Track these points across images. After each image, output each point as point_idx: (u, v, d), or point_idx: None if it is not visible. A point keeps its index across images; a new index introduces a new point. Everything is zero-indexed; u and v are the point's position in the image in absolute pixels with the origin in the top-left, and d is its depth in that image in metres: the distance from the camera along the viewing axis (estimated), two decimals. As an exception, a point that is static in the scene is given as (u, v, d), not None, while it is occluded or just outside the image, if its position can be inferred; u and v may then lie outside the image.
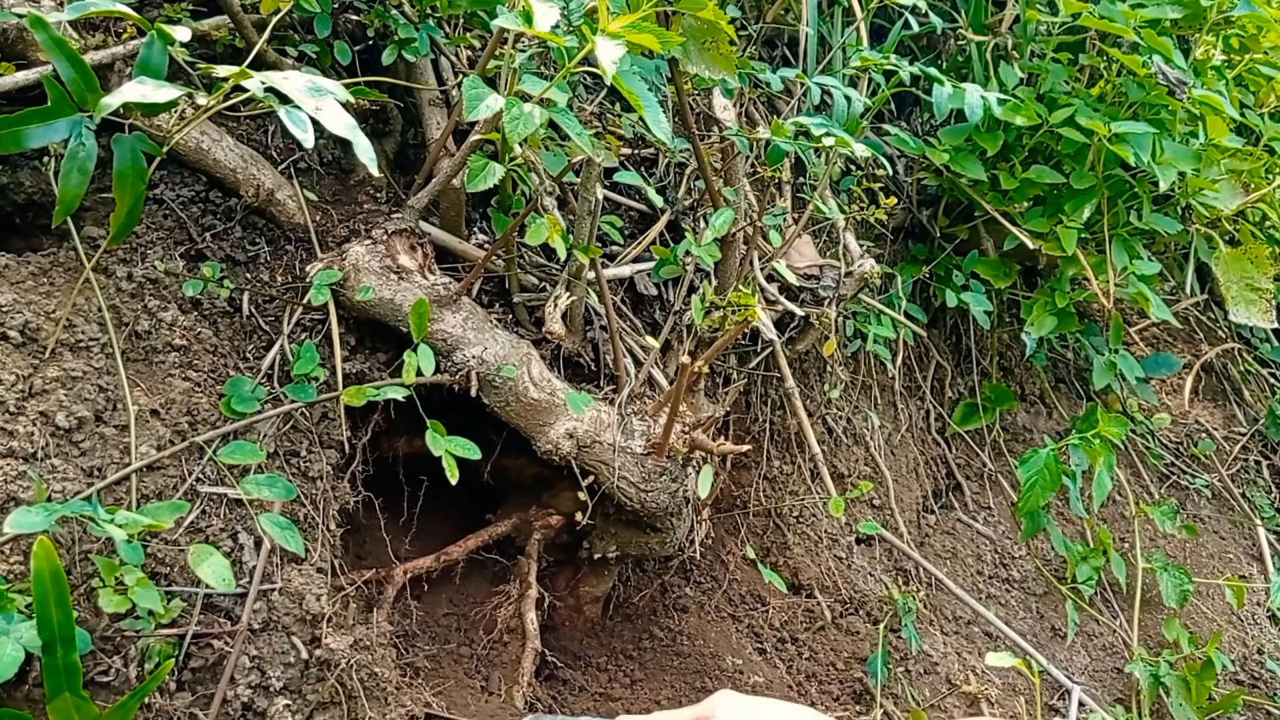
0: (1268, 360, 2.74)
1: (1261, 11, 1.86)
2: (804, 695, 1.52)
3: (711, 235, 1.34)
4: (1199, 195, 1.96)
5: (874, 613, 1.71)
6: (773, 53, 1.98)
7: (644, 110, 1.02)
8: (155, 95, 0.80)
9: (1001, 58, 1.96)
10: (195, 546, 0.95)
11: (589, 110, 1.52)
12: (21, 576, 0.90)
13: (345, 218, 1.28)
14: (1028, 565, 2.11)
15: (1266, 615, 2.35)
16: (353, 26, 1.34)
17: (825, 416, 1.90)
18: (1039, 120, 1.78)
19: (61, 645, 0.79)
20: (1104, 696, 1.95)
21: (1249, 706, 2.06)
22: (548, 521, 1.38)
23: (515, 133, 0.91)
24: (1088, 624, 2.07)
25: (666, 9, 1.08)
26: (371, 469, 1.29)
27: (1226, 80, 1.95)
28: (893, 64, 1.64)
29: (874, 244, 2.00)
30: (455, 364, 1.19)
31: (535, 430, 1.23)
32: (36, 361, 1.00)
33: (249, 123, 1.28)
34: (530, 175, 1.23)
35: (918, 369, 2.16)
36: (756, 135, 1.43)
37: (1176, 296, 2.48)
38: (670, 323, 1.50)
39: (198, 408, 1.08)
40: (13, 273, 1.04)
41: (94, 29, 1.19)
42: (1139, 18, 1.73)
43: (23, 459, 0.95)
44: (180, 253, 1.16)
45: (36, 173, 1.12)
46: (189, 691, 0.98)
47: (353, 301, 1.18)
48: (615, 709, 1.37)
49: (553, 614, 1.45)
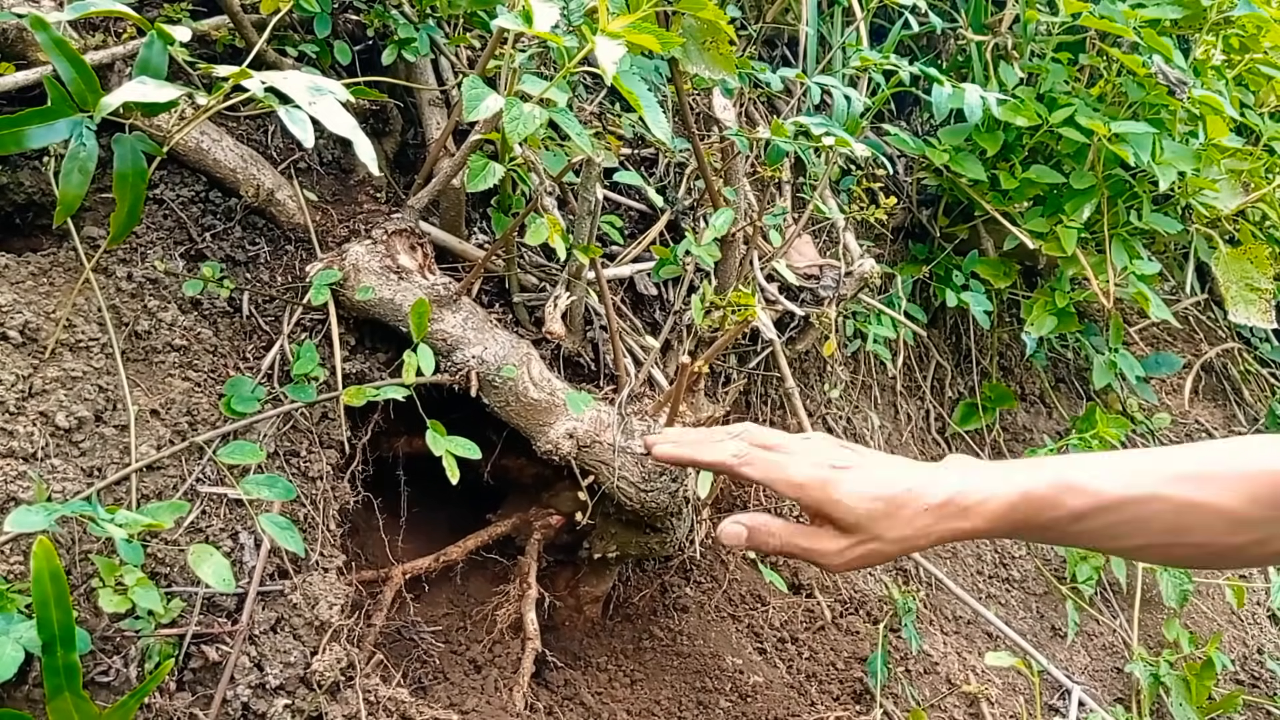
0: (1268, 360, 2.74)
1: (1261, 11, 1.86)
2: (804, 695, 1.52)
3: (711, 235, 1.34)
4: (1199, 195, 1.96)
5: (874, 613, 1.71)
6: (773, 53, 1.98)
7: (644, 110, 1.02)
8: (155, 95, 0.80)
9: (1001, 58, 1.96)
10: (195, 546, 0.95)
11: (589, 110, 1.52)
12: (21, 576, 0.90)
13: (345, 218, 1.28)
14: (1028, 565, 2.11)
15: (1266, 615, 2.35)
16: (353, 26, 1.34)
17: (825, 416, 1.90)
18: (1039, 120, 1.78)
19: (61, 645, 0.79)
20: (1104, 696, 1.95)
21: (1249, 706, 2.06)
22: (548, 521, 1.38)
23: (515, 133, 0.91)
24: (1088, 624, 2.07)
25: (666, 9, 1.08)
26: (371, 469, 1.29)
27: (1226, 80, 1.95)
28: (893, 64, 1.64)
29: (874, 244, 2.00)
30: (455, 364, 1.19)
31: (535, 430, 1.23)
32: (36, 361, 1.00)
33: (249, 123, 1.28)
34: (530, 175, 1.23)
35: (918, 369, 2.17)
36: (756, 135, 1.43)
37: (1176, 296, 2.48)
38: (670, 323, 1.50)
39: (198, 408, 1.08)
40: (13, 273, 1.04)
41: (94, 29, 1.19)
42: (1139, 18, 1.73)
43: (23, 459, 0.95)
44: (180, 253, 1.16)
45: (36, 173, 1.12)
46: (189, 691, 0.98)
47: (352, 301, 1.18)
48: (615, 709, 1.37)
49: (553, 614, 1.45)
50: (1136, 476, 0.89)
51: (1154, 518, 0.89)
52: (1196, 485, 0.87)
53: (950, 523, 0.91)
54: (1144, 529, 0.94)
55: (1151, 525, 0.91)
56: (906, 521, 0.92)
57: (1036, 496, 0.90)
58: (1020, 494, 0.90)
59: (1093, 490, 0.89)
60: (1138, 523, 0.90)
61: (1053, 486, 0.90)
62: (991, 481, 0.91)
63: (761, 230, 1.53)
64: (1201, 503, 0.86)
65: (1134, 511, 0.89)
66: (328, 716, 1.03)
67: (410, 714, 1.10)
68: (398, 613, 1.32)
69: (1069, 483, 0.90)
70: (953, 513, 0.92)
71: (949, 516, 0.92)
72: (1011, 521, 0.91)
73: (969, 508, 0.91)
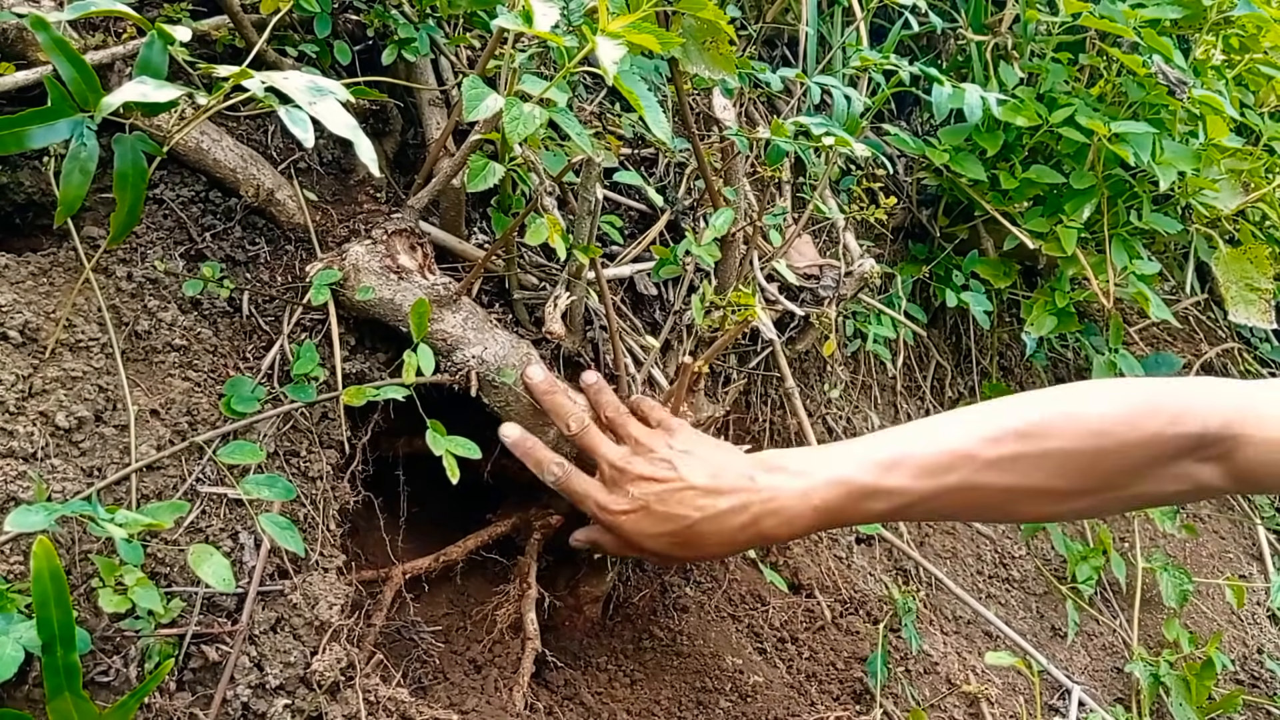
0: (1268, 360, 2.74)
1: (1261, 11, 1.86)
2: (804, 695, 1.52)
3: (711, 235, 1.34)
4: (1199, 195, 1.96)
5: (874, 613, 1.71)
6: (773, 53, 1.98)
7: (644, 110, 1.02)
8: (156, 95, 0.80)
9: (1001, 58, 1.96)
10: (195, 546, 0.95)
11: (589, 110, 1.52)
12: (21, 576, 0.90)
13: (345, 218, 1.28)
14: (1028, 565, 2.11)
15: (1266, 615, 2.35)
16: (353, 26, 1.34)
17: (825, 416, 1.90)
18: (1039, 120, 1.78)
19: (61, 645, 0.79)
20: (1104, 696, 1.96)
21: (1249, 706, 2.06)
22: (547, 521, 1.38)
23: (515, 133, 0.91)
24: (1088, 624, 2.07)
25: (666, 9, 1.08)
26: (371, 469, 1.29)
27: (1226, 80, 1.95)
28: (893, 64, 1.64)
29: (874, 244, 2.00)
30: (455, 364, 1.19)
31: (535, 430, 1.23)
32: (36, 361, 1.00)
33: (249, 123, 1.28)
34: (530, 175, 1.23)
35: (918, 369, 2.16)
36: (756, 135, 1.43)
37: (1176, 296, 2.48)
38: (670, 323, 1.50)
39: (198, 408, 1.08)
40: (12, 273, 1.04)
41: (94, 29, 1.19)
42: (1139, 18, 1.73)
43: (23, 459, 0.95)
44: (180, 253, 1.16)
45: (36, 173, 1.12)
46: (189, 691, 0.98)
47: (352, 301, 1.18)
48: (615, 709, 1.37)
49: (553, 614, 1.45)
50: (946, 473, 0.90)
51: (974, 504, 0.91)
52: (1009, 467, 0.88)
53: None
54: (964, 512, 0.98)
55: (973, 508, 0.93)
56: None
57: (835, 510, 0.94)
58: (817, 511, 0.96)
59: (899, 490, 0.91)
60: (955, 508, 0.92)
61: (851, 496, 0.93)
62: (792, 500, 0.96)
63: (761, 230, 1.53)
64: (1017, 486, 0.88)
65: (946, 501, 0.91)
66: (328, 716, 1.03)
67: (410, 714, 1.10)
68: (398, 613, 1.32)
69: (872, 487, 0.92)
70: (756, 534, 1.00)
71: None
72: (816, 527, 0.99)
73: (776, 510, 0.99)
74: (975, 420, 0.92)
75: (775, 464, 1.01)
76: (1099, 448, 0.84)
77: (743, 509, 0.97)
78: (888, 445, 0.95)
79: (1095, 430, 0.84)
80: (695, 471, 1.01)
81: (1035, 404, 0.90)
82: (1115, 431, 0.83)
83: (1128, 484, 0.86)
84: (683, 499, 1.00)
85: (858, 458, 0.95)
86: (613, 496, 1.07)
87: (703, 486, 0.99)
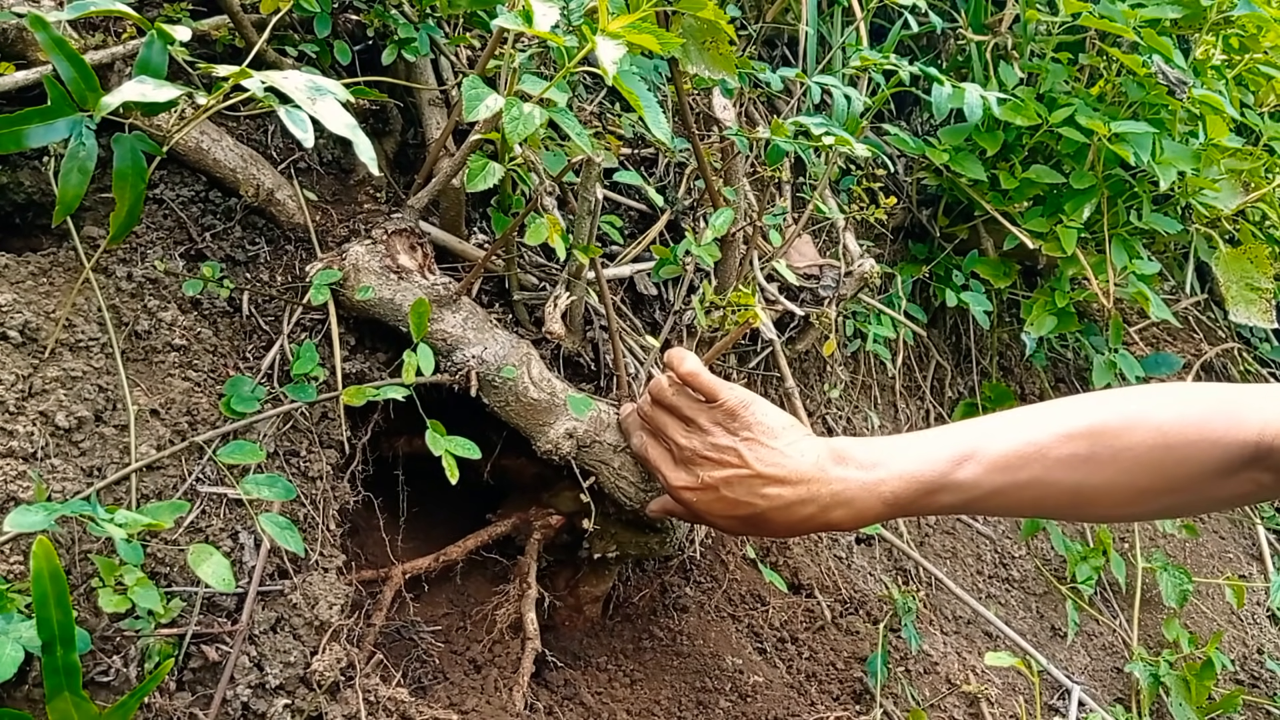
0: (1268, 360, 2.74)
1: (1261, 11, 1.86)
2: (804, 695, 1.52)
3: (711, 235, 1.34)
4: (1199, 195, 1.96)
5: (874, 612, 1.71)
6: (773, 53, 1.98)
7: (644, 110, 1.02)
8: (155, 95, 0.80)
9: (1001, 57, 1.96)
10: (195, 546, 0.95)
11: (589, 110, 1.52)
12: (21, 576, 0.90)
13: (345, 217, 1.28)
14: (1028, 565, 2.11)
15: (1266, 615, 2.35)
16: (353, 26, 1.34)
17: (825, 416, 1.90)
18: (1039, 120, 1.78)
19: (61, 645, 0.79)
20: (1104, 696, 1.96)
21: (1249, 706, 2.06)
22: (548, 521, 1.38)
23: (515, 133, 0.91)
24: (1088, 624, 2.07)
25: (666, 9, 1.08)
26: (371, 469, 1.29)
27: (1226, 80, 1.95)
28: (892, 64, 1.64)
29: (874, 244, 2.00)
30: (455, 364, 1.19)
31: (535, 430, 1.23)
32: (36, 361, 1.00)
33: (249, 123, 1.28)
34: (530, 175, 1.23)
35: (918, 369, 2.16)
36: (756, 135, 1.43)
37: (1176, 296, 2.48)
38: (670, 323, 1.50)
39: (198, 408, 1.08)
40: (12, 273, 1.04)
41: (93, 29, 1.19)
42: (1139, 18, 1.73)
43: (23, 459, 0.95)
44: (180, 253, 1.16)
45: (36, 172, 1.12)
46: (189, 691, 0.98)
47: (352, 301, 1.18)
48: (615, 709, 1.37)
49: (553, 614, 1.45)
50: (1017, 469, 0.91)
51: (1042, 500, 0.91)
52: (1080, 465, 0.88)
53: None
54: (1031, 508, 0.98)
55: (1041, 505, 0.93)
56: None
57: (905, 503, 0.95)
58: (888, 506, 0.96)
59: (970, 484, 0.92)
60: (1023, 504, 0.92)
61: (922, 489, 0.94)
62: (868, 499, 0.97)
63: (761, 230, 1.53)
64: (1086, 484, 0.88)
65: (1015, 497, 0.91)
66: (328, 716, 1.03)
67: (410, 714, 1.10)
68: (398, 613, 1.32)
69: (943, 481, 0.92)
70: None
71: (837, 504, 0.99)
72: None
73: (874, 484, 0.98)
74: (1048, 417, 0.92)
75: (844, 454, 1.00)
76: (1169, 451, 0.85)
77: (811, 500, 0.96)
78: (958, 439, 0.95)
79: (1166, 433, 0.85)
80: (761, 460, 1.00)
81: (1108, 404, 0.90)
82: (1185, 436, 0.84)
83: (1195, 488, 0.86)
84: (750, 487, 0.99)
85: (928, 451, 0.95)
86: (682, 474, 1.06)
87: (769, 475, 0.98)
